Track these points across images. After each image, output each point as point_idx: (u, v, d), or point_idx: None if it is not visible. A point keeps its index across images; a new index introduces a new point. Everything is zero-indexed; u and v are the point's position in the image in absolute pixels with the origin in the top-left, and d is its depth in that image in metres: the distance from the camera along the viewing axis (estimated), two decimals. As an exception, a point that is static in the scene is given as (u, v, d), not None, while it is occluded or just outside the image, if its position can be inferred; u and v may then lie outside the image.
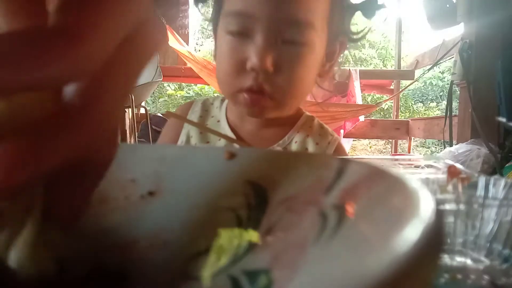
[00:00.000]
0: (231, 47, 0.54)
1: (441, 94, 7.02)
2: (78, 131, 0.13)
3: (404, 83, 3.69)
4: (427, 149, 6.27)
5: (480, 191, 0.30)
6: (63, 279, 0.19)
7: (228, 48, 0.54)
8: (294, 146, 0.62)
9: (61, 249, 0.17)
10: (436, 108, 7.09)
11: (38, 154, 0.13)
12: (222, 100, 0.67)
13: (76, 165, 0.14)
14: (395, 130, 3.16)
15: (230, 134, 0.61)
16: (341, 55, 0.64)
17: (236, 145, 0.56)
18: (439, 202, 0.11)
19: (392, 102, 4.01)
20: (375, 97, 5.22)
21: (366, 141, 6.10)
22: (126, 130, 2.92)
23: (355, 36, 0.64)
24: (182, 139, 0.64)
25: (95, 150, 0.15)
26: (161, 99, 6.36)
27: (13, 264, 0.16)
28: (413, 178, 0.14)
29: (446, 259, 0.27)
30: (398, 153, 3.54)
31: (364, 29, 0.66)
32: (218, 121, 0.64)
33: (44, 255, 0.17)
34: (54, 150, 0.13)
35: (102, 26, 0.13)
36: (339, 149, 0.65)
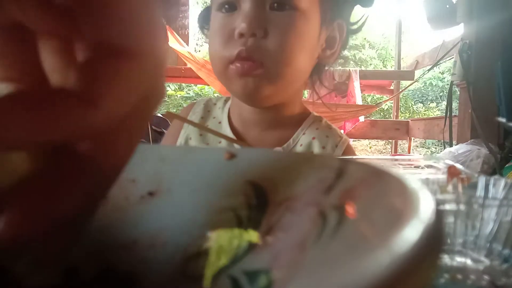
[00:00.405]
0: (220, 22, 0.53)
1: (441, 94, 7.02)
2: (88, 186, 0.14)
3: (404, 83, 3.69)
4: (427, 150, 6.27)
5: (480, 191, 0.30)
6: (66, 281, 0.19)
7: (218, 24, 0.54)
8: (299, 150, 0.60)
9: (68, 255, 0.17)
10: (436, 109, 7.09)
11: (52, 206, 0.13)
12: (225, 101, 0.65)
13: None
14: (395, 131, 3.16)
15: (231, 136, 0.60)
16: (342, 47, 0.62)
17: (237, 145, 0.56)
18: (439, 202, 0.11)
19: (392, 103, 4.02)
20: (375, 98, 5.22)
21: (366, 141, 6.10)
22: (126, 130, 2.91)
23: (353, 27, 0.63)
24: (180, 141, 0.63)
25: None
26: (161, 99, 6.34)
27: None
28: (413, 178, 0.14)
29: (446, 259, 0.27)
30: (398, 153, 3.55)
31: (362, 18, 0.65)
32: (220, 122, 0.63)
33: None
34: (68, 200, 0.14)
35: (116, 94, 0.13)
36: (349, 151, 0.62)
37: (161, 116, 3.19)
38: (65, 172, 0.14)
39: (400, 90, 3.58)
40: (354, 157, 0.59)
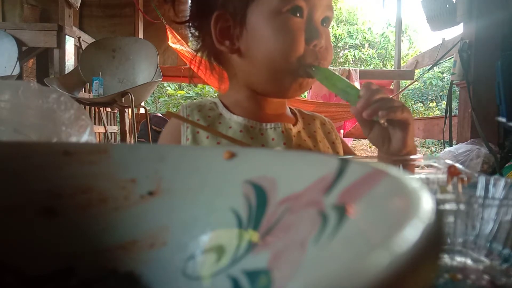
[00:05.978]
0: (293, 25, 0.57)
1: (441, 94, 7.02)
2: None
3: (404, 83, 3.69)
4: (427, 149, 6.27)
5: (480, 191, 0.30)
6: (66, 280, 0.19)
7: (291, 26, 0.57)
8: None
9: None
10: (436, 108, 7.09)
11: None
12: (214, 103, 0.67)
13: None
14: (395, 130, 3.15)
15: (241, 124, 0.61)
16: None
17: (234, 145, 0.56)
18: (439, 202, 0.11)
19: (392, 102, 4.00)
20: (375, 97, 5.20)
21: (366, 141, 6.10)
22: (126, 130, 2.92)
23: None
24: (184, 138, 0.62)
25: None
26: (161, 99, 6.37)
27: None
28: (413, 178, 0.14)
29: (446, 259, 0.27)
30: (398, 153, 3.53)
31: None
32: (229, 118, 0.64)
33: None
34: None
35: None
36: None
37: (161, 115, 3.19)
38: None
39: (400, 89, 3.58)
40: (354, 156, 0.60)
